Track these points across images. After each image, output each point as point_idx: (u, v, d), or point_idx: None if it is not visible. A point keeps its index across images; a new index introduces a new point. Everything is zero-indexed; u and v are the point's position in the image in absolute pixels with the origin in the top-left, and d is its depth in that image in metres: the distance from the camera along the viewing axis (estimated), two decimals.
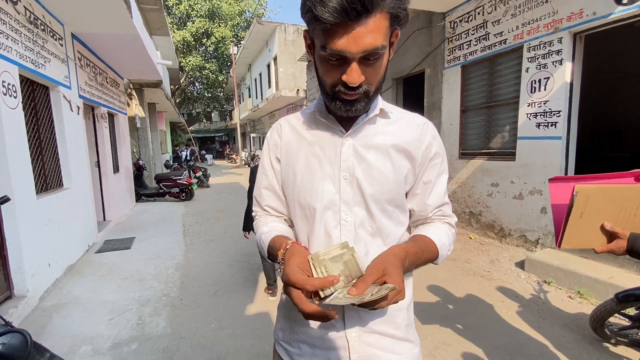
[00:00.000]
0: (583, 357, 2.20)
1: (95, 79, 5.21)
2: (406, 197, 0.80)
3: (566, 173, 3.58)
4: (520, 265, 3.63)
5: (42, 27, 3.47)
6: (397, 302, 0.61)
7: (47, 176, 3.55)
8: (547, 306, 2.85)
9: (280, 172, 0.83)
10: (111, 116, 6.32)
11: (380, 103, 0.77)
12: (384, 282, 0.61)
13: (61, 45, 3.94)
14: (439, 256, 0.76)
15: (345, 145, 0.75)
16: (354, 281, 0.63)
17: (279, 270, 0.72)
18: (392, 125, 0.77)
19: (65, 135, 3.91)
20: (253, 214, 0.92)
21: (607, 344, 2.29)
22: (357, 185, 0.74)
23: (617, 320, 2.37)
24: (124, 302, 2.94)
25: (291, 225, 0.87)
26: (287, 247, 0.70)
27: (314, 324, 0.77)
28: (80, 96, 4.49)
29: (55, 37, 3.77)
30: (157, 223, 5.88)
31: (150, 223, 5.88)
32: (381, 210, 0.75)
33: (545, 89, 3.58)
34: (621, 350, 2.24)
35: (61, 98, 3.85)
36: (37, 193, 3.15)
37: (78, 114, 4.34)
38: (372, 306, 0.59)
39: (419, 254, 0.71)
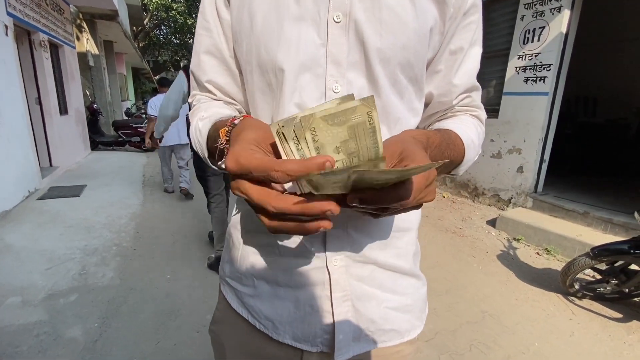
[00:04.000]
0: (550, 309, 2.20)
1: None
2: None
3: (548, 131, 3.50)
4: (492, 223, 3.62)
5: None
6: (420, 205, 0.35)
7: None
8: (516, 262, 2.86)
9: (231, 21, 0.51)
10: (55, 47, 5.44)
11: None
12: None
13: None
14: (465, 159, 0.50)
15: None
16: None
17: (223, 168, 0.42)
18: None
19: None
20: (190, 99, 0.60)
21: (572, 297, 2.31)
22: (356, 33, 0.45)
23: (582, 275, 2.39)
24: (65, 251, 2.61)
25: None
26: (236, 121, 0.41)
27: (280, 250, 0.50)
28: (9, 14, 3.71)
29: None
30: (114, 172, 5.36)
31: (105, 172, 5.35)
32: (391, 81, 0.47)
33: (538, 40, 3.35)
34: (586, 303, 2.27)
35: None
36: None
37: (6, 34, 3.60)
38: (386, 203, 0.31)
39: (442, 148, 0.45)
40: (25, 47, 4.53)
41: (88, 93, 7.55)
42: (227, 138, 0.41)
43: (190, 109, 0.59)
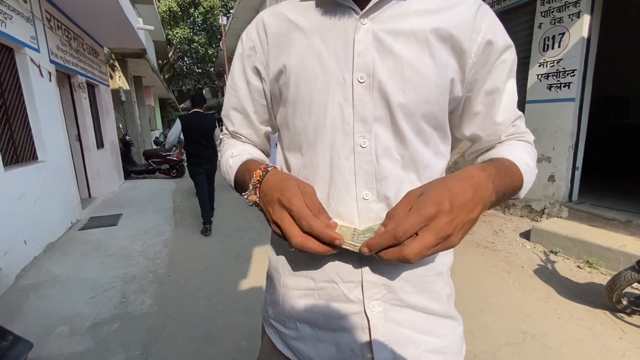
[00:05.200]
0: (597, 327, 2.07)
1: (69, 44, 4.78)
2: (454, 117, 0.57)
3: (578, 137, 3.37)
4: (526, 235, 3.48)
5: None
6: (419, 254, 0.39)
7: (17, 147, 3.26)
8: (555, 276, 2.72)
9: (264, 88, 0.59)
10: (91, 87, 5.91)
11: None
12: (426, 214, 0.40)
13: (24, 1, 3.52)
14: (524, 183, 0.51)
15: (361, 32, 0.49)
16: None
17: (247, 199, 0.53)
18: (429, 0, 0.50)
19: (36, 103, 3.57)
20: (220, 135, 0.73)
21: (621, 314, 2.17)
22: (380, 91, 0.49)
23: (630, 290, 2.24)
24: (107, 280, 2.75)
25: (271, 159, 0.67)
26: (269, 168, 0.51)
27: (319, 295, 0.54)
28: (52, 61, 4.10)
29: None
30: (146, 200, 5.63)
31: (138, 200, 5.63)
32: (416, 131, 0.50)
33: (559, 46, 3.29)
34: (636, 319, 2.11)
35: (28, 61, 3.48)
36: (5, 165, 2.87)
37: (50, 80, 3.97)
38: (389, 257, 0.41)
39: (501, 175, 0.46)
40: (66, 89, 4.95)
41: (121, 126, 8.06)
42: (259, 179, 0.51)
43: (219, 143, 0.73)
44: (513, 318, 2.18)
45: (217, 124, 4.32)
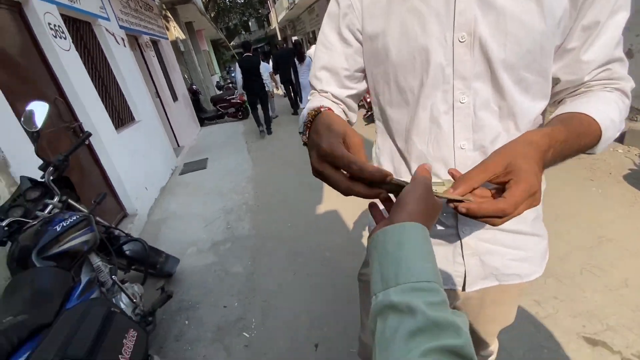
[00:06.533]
0: None
1: (128, 5, 5.05)
2: None
3: None
4: (619, 138, 3.12)
5: None
6: (518, 213, 0.41)
7: (119, 112, 3.86)
8: None
9: (362, 48, 0.61)
10: (155, 43, 6.31)
11: None
12: (508, 182, 0.41)
13: None
14: (601, 140, 0.49)
15: None
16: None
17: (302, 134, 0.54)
18: None
19: (121, 69, 4.05)
20: (310, 96, 0.71)
21: None
22: (481, 48, 0.50)
23: None
24: (212, 213, 3.39)
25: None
26: (322, 109, 0.51)
27: None
28: (121, 27, 4.46)
29: None
30: (223, 143, 6.29)
31: (217, 144, 6.32)
32: (516, 82, 0.51)
33: None
34: None
35: (104, 32, 3.86)
36: (116, 128, 3.49)
37: (125, 45, 4.39)
38: (485, 214, 0.41)
39: (570, 141, 0.46)
40: (137, 51, 5.40)
41: (186, 77, 8.62)
42: (311, 119, 0.50)
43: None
44: (590, 224, 2.16)
45: (260, 60, 5.83)
